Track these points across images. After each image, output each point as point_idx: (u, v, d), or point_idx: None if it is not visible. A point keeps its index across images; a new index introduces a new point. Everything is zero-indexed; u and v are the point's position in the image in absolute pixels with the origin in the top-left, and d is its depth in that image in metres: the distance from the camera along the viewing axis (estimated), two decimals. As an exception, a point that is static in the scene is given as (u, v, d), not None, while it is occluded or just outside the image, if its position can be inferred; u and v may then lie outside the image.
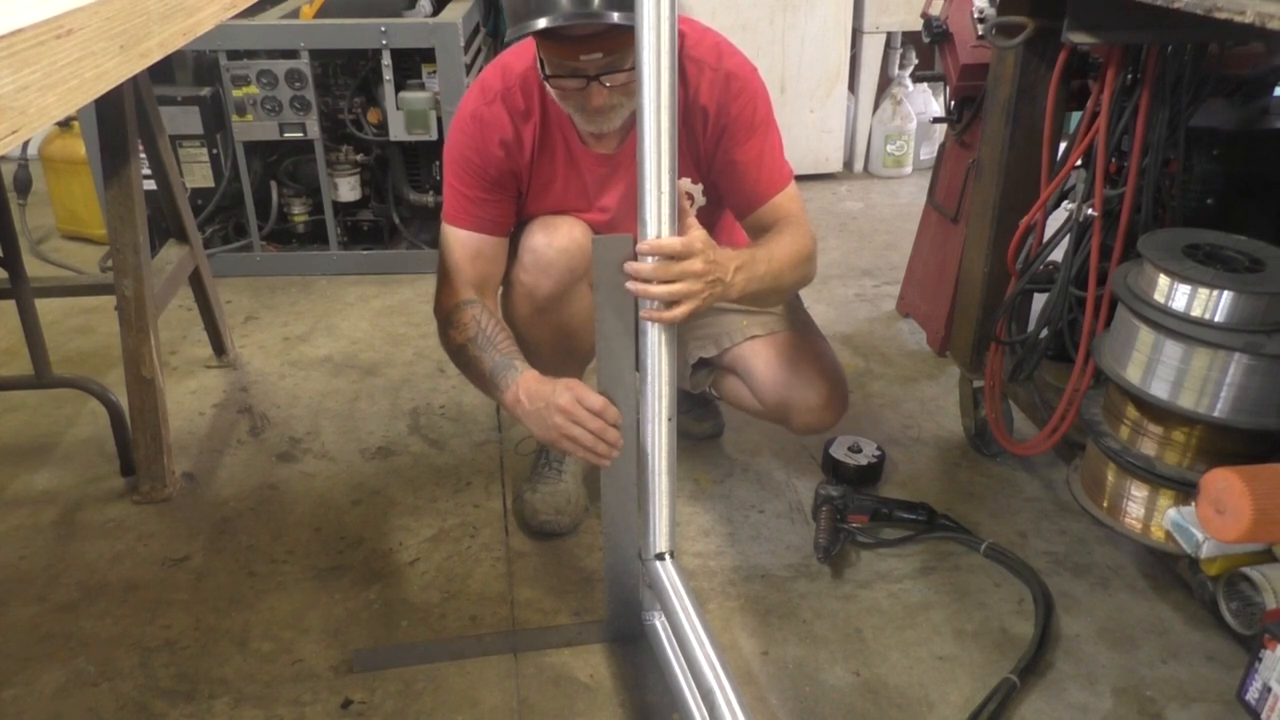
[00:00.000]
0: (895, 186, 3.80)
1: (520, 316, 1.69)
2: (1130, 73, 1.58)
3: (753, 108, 1.56)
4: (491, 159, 1.58)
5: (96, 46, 0.84)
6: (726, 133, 1.56)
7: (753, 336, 1.77)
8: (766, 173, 1.58)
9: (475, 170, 1.59)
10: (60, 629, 1.62)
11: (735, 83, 1.54)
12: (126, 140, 1.86)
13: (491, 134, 1.57)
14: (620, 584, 1.53)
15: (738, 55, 1.58)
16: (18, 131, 0.70)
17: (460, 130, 1.60)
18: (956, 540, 1.79)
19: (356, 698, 1.48)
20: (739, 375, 1.81)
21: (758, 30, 3.56)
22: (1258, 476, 1.27)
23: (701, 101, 1.54)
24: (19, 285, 1.93)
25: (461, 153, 1.60)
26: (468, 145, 1.59)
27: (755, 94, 1.57)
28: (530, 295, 1.65)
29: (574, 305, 1.67)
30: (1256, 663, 1.35)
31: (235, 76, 2.73)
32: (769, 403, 1.77)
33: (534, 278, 1.63)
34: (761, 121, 1.57)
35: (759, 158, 1.58)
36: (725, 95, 1.54)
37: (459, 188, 1.61)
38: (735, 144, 1.57)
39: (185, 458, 2.08)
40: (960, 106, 2.31)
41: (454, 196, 1.62)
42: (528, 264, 1.63)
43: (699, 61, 1.53)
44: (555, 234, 1.63)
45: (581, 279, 1.65)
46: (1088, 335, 1.66)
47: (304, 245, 3.04)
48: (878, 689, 1.49)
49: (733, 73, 1.54)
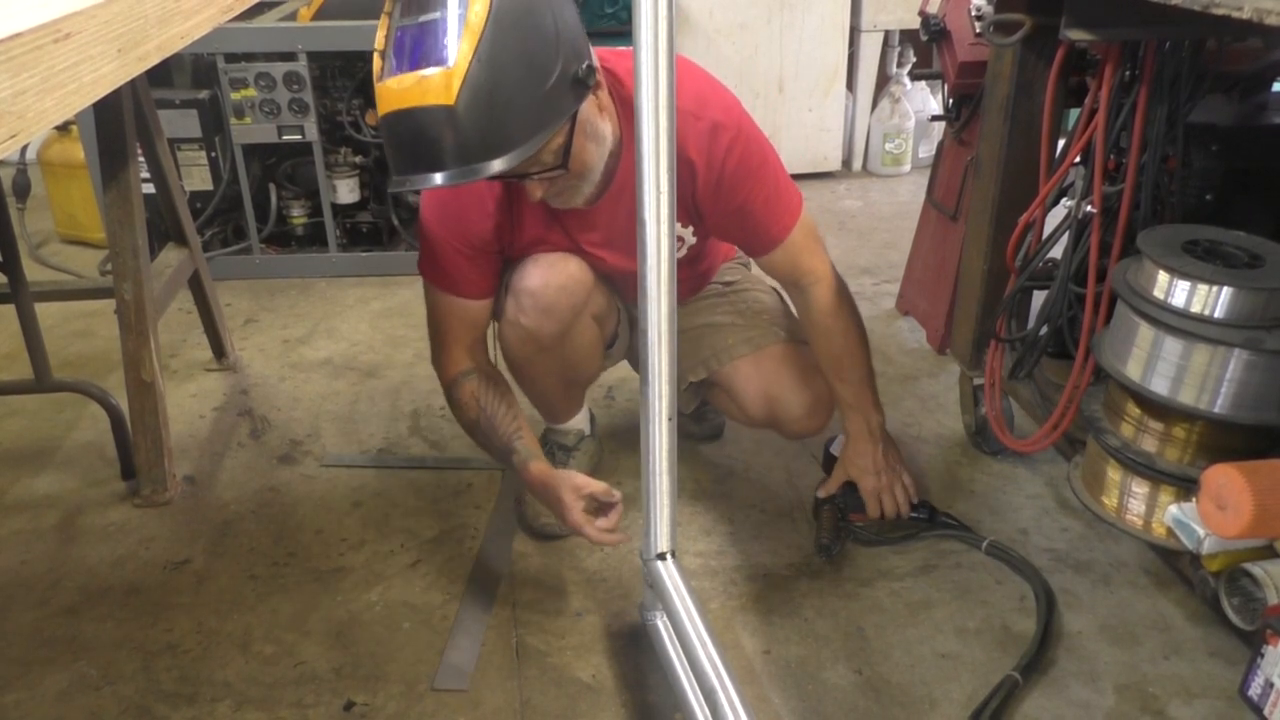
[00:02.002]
0: (894, 185, 3.80)
1: (522, 357, 1.67)
2: (1128, 69, 1.58)
3: (746, 155, 1.49)
4: (469, 225, 1.54)
5: (94, 50, 0.84)
6: (723, 185, 1.51)
7: (739, 356, 1.80)
8: (774, 214, 1.56)
9: (455, 235, 1.55)
10: (62, 633, 1.62)
11: (723, 135, 1.47)
12: (125, 144, 1.86)
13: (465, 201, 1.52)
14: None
15: (721, 100, 1.50)
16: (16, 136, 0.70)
17: (427, 204, 1.56)
18: (958, 538, 1.79)
19: (359, 699, 1.48)
20: (726, 393, 1.84)
21: (755, 29, 3.55)
22: (1258, 472, 1.27)
23: (689, 155, 1.46)
24: (18, 289, 1.93)
25: (438, 218, 1.55)
26: (442, 211, 1.55)
27: (746, 139, 1.50)
28: (534, 338, 1.62)
29: (577, 340, 1.67)
30: (1259, 658, 1.35)
31: (233, 79, 2.74)
32: (756, 419, 1.83)
33: (536, 321, 1.59)
34: (758, 165, 1.52)
35: (764, 203, 1.54)
36: (713, 149, 1.47)
37: (440, 253, 1.56)
38: (735, 193, 1.52)
39: (186, 461, 2.08)
40: (958, 104, 2.31)
41: (435, 259, 1.58)
42: (527, 307, 1.59)
43: (682, 111, 1.46)
44: (552, 273, 1.58)
45: (583, 313, 1.64)
46: (1087, 332, 1.66)
47: (303, 247, 3.04)
48: (880, 687, 1.49)
49: (719, 124, 1.47)
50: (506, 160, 1.25)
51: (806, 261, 1.62)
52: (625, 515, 1.87)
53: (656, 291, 1.26)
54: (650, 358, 1.31)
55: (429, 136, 1.23)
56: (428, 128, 1.22)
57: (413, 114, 1.22)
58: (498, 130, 1.24)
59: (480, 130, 1.22)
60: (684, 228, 1.65)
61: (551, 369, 1.70)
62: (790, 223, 1.58)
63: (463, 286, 1.59)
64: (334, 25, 2.77)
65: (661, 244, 1.23)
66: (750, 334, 1.80)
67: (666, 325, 1.29)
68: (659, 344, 1.30)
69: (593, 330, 1.70)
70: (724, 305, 1.85)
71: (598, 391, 2.28)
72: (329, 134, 2.87)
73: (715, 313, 1.84)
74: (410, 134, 1.24)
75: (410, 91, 1.21)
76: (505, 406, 1.60)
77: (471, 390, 1.59)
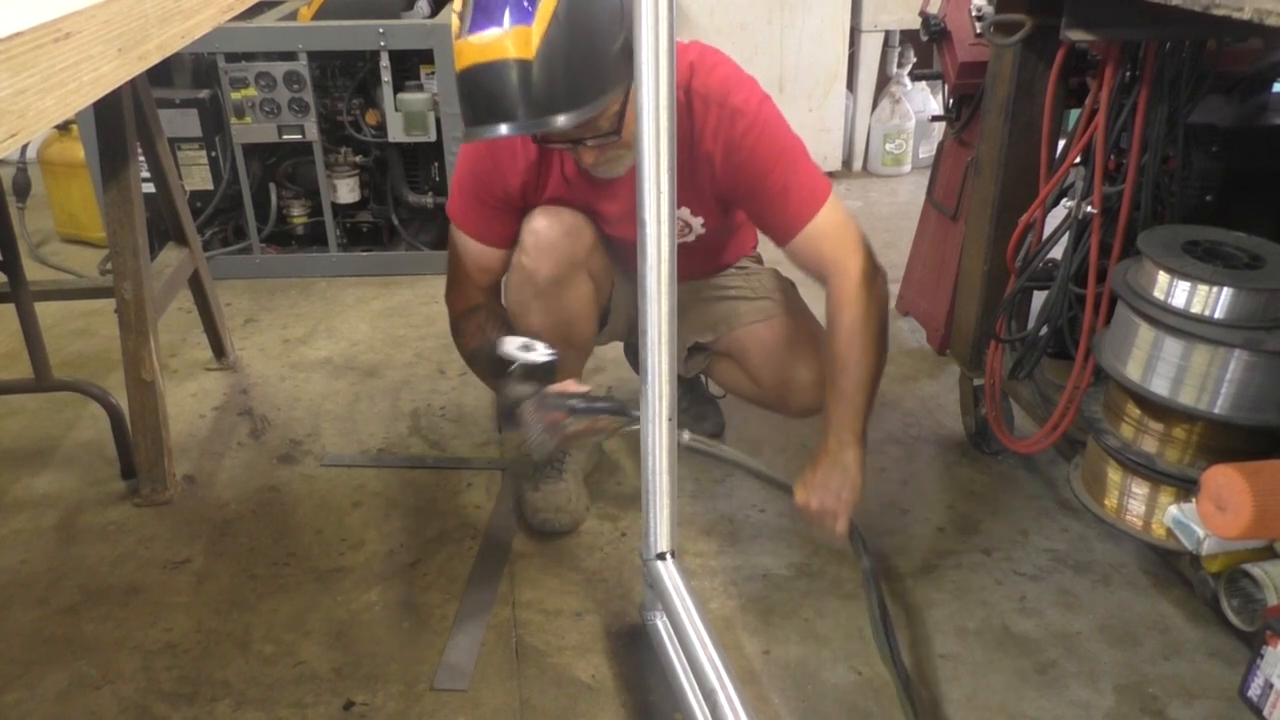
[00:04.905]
0: (894, 185, 3.80)
1: (520, 302, 1.69)
2: (1129, 70, 1.58)
3: (765, 142, 1.54)
4: (499, 178, 1.62)
5: (95, 50, 0.84)
6: (743, 171, 1.55)
7: (750, 322, 1.80)
8: (796, 200, 1.56)
9: (485, 187, 1.64)
10: (62, 632, 1.62)
11: (742, 120, 1.52)
12: (125, 143, 1.86)
13: (501, 156, 1.61)
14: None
15: (745, 88, 1.55)
16: (16, 135, 0.70)
17: (465, 155, 1.66)
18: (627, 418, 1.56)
19: (358, 699, 1.48)
20: (735, 358, 1.84)
21: (756, 29, 3.55)
22: (1259, 473, 1.27)
23: (706, 145, 1.54)
24: (18, 289, 1.93)
25: (473, 168, 1.64)
26: (479, 163, 1.64)
27: (765, 126, 1.54)
28: (531, 279, 1.65)
29: (572, 292, 1.68)
30: (1258, 659, 1.34)
31: (233, 79, 2.73)
32: (766, 383, 1.81)
33: (534, 260, 1.64)
34: (778, 151, 1.55)
35: (783, 190, 1.56)
36: (732, 135, 1.53)
37: (469, 199, 1.66)
38: (756, 180, 1.55)
39: (186, 460, 2.08)
40: (959, 104, 2.31)
41: (464, 204, 1.67)
42: (528, 246, 1.64)
43: (706, 98, 1.53)
44: (558, 218, 1.64)
45: (581, 266, 1.66)
46: (1088, 332, 1.66)
47: (303, 247, 3.04)
48: (880, 688, 1.49)
49: (739, 109, 1.52)
50: (570, 117, 1.33)
51: (830, 251, 1.58)
52: (625, 515, 1.88)
53: (656, 291, 1.26)
54: (650, 358, 1.31)
55: (505, 89, 1.31)
56: (505, 81, 1.30)
57: (492, 67, 1.30)
58: (567, 88, 1.32)
59: (551, 87, 1.30)
60: (693, 216, 1.68)
61: (547, 322, 1.70)
62: (811, 210, 1.56)
63: (482, 232, 1.67)
64: (334, 25, 2.77)
65: (662, 244, 1.23)
66: (760, 305, 1.82)
67: (666, 325, 1.29)
68: (659, 344, 1.30)
69: (589, 288, 1.71)
70: (737, 280, 1.87)
71: (598, 392, 2.28)
72: (329, 134, 2.87)
73: (729, 287, 1.86)
74: (488, 86, 1.32)
75: (492, 46, 1.29)
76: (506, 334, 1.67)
77: (478, 322, 1.71)
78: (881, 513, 1.89)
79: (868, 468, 1.59)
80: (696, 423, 2.12)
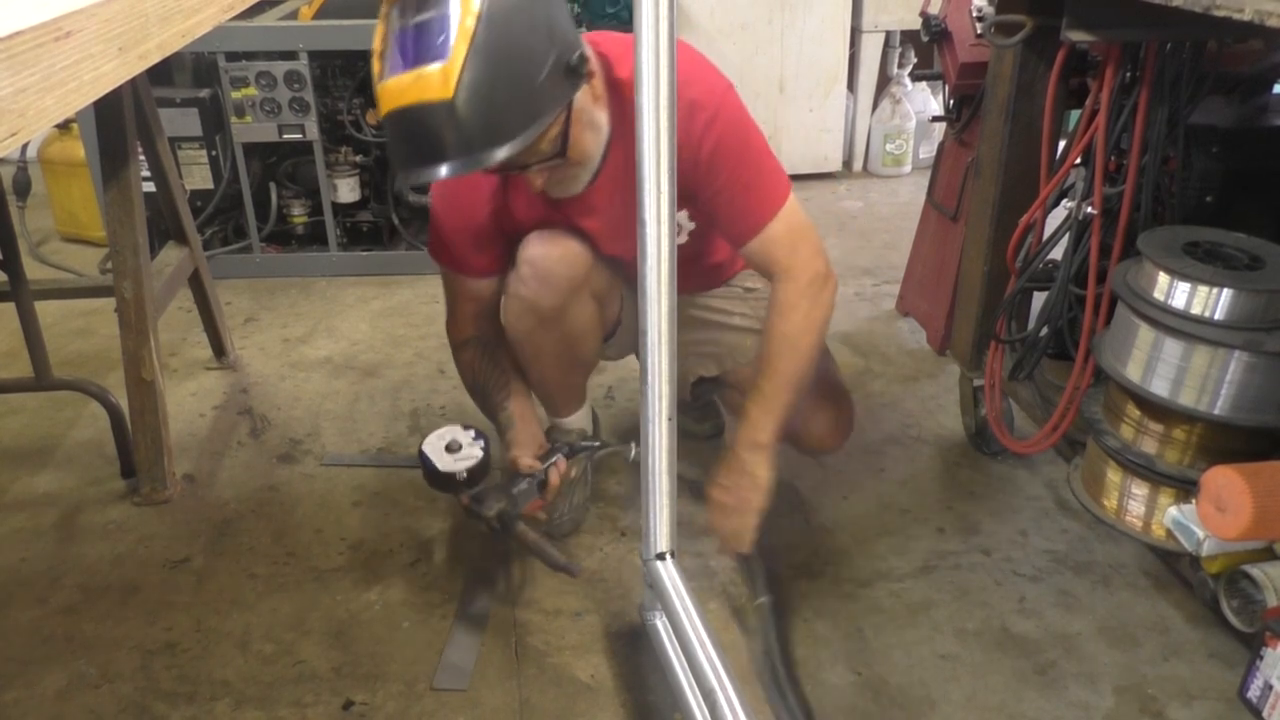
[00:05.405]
0: (894, 185, 3.80)
1: (523, 330, 1.67)
2: (1129, 70, 1.58)
3: (724, 136, 1.46)
4: (466, 211, 1.61)
5: (95, 49, 0.84)
6: (701, 166, 1.47)
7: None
8: (755, 199, 1.51)
9: (454, 221, 1.62)
10: (61, 631, 1.62)
11: (700, 114, 1.43)
12: (125, 142, 1.86)
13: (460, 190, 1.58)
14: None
15: (705, 80, 1.48)
16: (17, 134, 0.70)
17: (435, 190, 1.65)
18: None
19: (358, 699, 1.48)
20: (743, 395, 1.77)
21: (756, 29, 3.55)
22: (1258, 474, 1.27)
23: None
24: (18, 288, 1.93)
25: (440, 204, 1.64)
26: (443, 199, 1.63)
27: (725, 121, 1.46)
28: (533, 309, 1.62)
29: (577, 316, 1.66)
30: (1258, 660, 1.35)
31: (234, 78, 2.73)
32: None
33: (535, 291, 1.60)
34: (738, 148, 1.48)
35: (744, 187, 1.50)
36: (690, 127, 1.42)
37: (444, 234, 1.64)
38: (715, 175, 1.49)
39: (186, 459, 2.08)
40: (959, 105, 2.31)
41: (440, 240, 1.66)
42: (527, 276, 1.60)
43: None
44: (552, 244, 1.59)
45: (582, 288, 1.63)
46: (1088, 333, 1.66)
47: (303, 247, 3.04)
48: (879, 688, 1.49)
49: (696, 103, 1.43)
50: (506, 150, 1.29)
51: (783, 256, 1.53)
52: (625, 515, 1.88)
53: (656, 291, 1.26)
54: (650, 358, 1.31)
55: (431, 131, 1.26)
56: (429, 122, 1.26)
57: (414, 110, 1.26)
58: (496, 121, 1.27)
59: (479, 122, 1.26)
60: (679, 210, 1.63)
61: (550, 347, 1.68)
62: (769, 211, 1.51)
63: (463, 264, 1.66)
64: (335, 24, 2.77)
65: (662, 244, 1.23)
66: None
67: (666, 325, 1.29)
68: (659, 344, 1.30)
69: (592, 308, 1.69)
70: (744, 308, 1.81)
71: (598, 391, 2.28)
72: (329, 133, 2.87)
73: (734, 314, 1.81)
74: (413, 130, 1.28)
75: (410, 89, 1.25)
76: (497, 374, 1.70)
77: (470, 358, 1.72)
78: (881, 513, 1.89)
79: (869, 469, 1.58)
80: (697, 423, 2.11)
